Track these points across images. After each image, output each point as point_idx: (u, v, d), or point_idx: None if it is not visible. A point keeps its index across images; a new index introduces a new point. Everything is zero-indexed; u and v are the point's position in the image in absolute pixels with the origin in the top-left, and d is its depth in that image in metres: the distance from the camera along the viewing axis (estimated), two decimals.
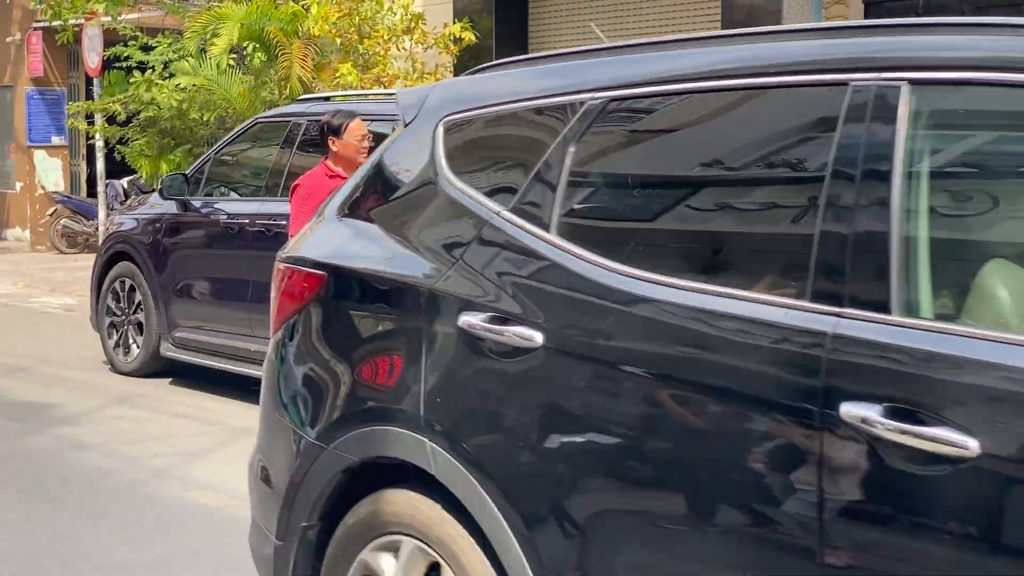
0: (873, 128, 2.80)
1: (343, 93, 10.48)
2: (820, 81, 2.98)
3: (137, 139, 15.93)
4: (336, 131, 7.57)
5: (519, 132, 3.68)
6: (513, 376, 3.27)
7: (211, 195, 9.95)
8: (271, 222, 9.14)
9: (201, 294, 9.80)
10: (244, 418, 8.86)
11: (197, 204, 9.86)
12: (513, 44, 15.34)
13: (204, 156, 10.34)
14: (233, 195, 10.01)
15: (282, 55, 13.90)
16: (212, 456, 7.81)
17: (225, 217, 9.56)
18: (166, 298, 9.93)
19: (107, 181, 18.36)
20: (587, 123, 3.38)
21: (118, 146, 16.37)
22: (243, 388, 9.64)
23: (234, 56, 14.79)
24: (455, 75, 14.88)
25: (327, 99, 9.78)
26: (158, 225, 10.10)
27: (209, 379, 9.89)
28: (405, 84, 13.44)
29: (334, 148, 7.56)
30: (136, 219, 10.44)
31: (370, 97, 9.98)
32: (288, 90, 13.63)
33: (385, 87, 13.12)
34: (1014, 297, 2.74)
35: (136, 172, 17.00)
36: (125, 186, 20.22)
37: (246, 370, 9.32)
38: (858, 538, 2.65)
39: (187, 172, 10.24)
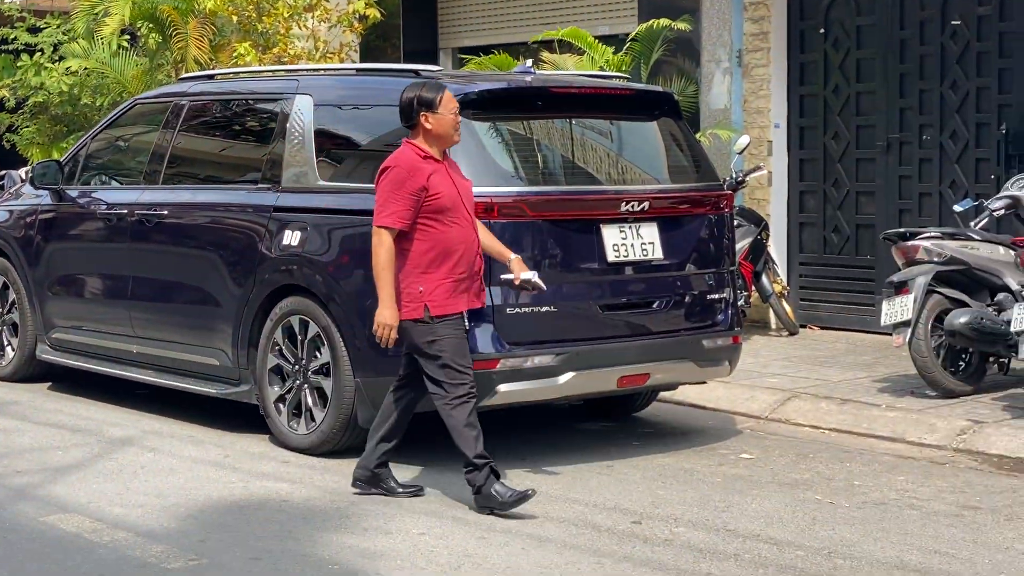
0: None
1: (228, 71, 9.71)
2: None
3: (28, 127, 15.08)
4: (430, 104, 6.33)
5: None
6: None
7: (88, 183, 9.16)
8: (151, 211, 8.39)
9: (79, 292, 9.04)
10: (125, 427, 8.14)
11: (73, 193, 9.08)
12: (421, 22, 14.63)
13: (79, 142, 9.55)
14: (112, 183, 9.23)
15: (177, 35, 13.11)
16: (83, 472, 7.07)
17: (103, 207, 8.80)
18: (41, 296, 9.15)
19: (3, 172, 17.42)
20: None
21: (8, 134, 15.51)
22: (126, 393, 8.92)
23: (127, 37, 14.05)
24: (361, 56, 14.13)
25: (211, 77, 9.04)
26: (31, 218, 9.32)
27: (92, 384, 9.13)
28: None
29: (427, 125, 6.32)
30: (9, 211, 9.64)
31: (261, 75, 9.26)
32: (185, 72, 12.83)
33: None
34: None
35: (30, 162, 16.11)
36: (23, 176, 19.24)
37: (128, 374, 8.59)
38: None
39: (60, 159, 9.45)
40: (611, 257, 7.21)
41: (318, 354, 7.37)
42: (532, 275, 6.53)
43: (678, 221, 7.57)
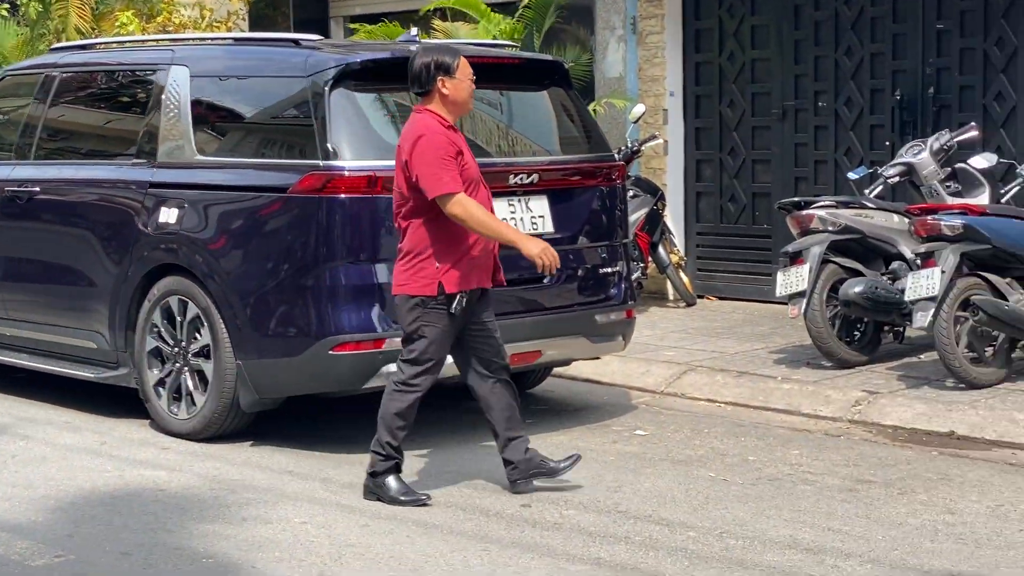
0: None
1: (102, 41, 9.35)
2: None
3: None
4: (448, 69, 5.87)
5: None
6: None
7: None
8: (23, 188, 8.03)
9: None
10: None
11: None
12: None
13: None
14: None
15: (58, 3, 12.70)
16: None
17: None
18: None
19: None
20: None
21: None
22: (0, 378, 8.57)
23: (7, 6, 13.60)
24: (250, 25, 13.75)
25: (84, 47, 8.67)
26: None
27: None
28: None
29: (445, 90, 5.87)
30: None
31: (137, 45, 8.91)
32: (66, 41, 12.39)
33: None
34: None
35: None
36: None
37: (1, 357, 8.25)
38: None
39: None
40: None
41: (198, 336, 7.10)
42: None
43: (569, 193, 7.40)
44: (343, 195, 6.68)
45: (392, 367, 6.61)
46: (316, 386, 6.89)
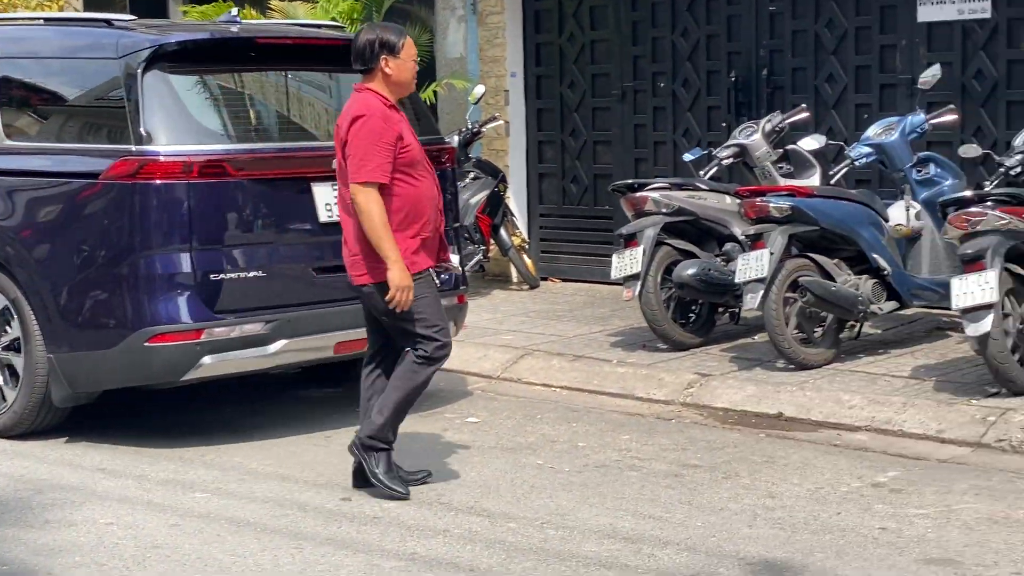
0: None
1: None
2: None
3: None
4: (393, 48, 5.68)
5: None
6: None
7: None
8: None
9: None
10: None
11: None
12: None
13: None
14: None
15: None
16: None
17: None
18: None
19: None
20: None
21: None
22: None
23: None
24: (84, 4, 13.32)
25: None
26: None
27: None
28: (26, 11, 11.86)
29: (388, 70, 5.69)
30: None
31: None
32: None
33: None
34: None
35: None
36: None
37: None
38: None
39: None
40: (324, 217, 6.84)
41: (8, 329, 6.81)
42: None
43: None
44: (158, 181, 6.45)
45: (211, 358, 6.42)
46: (133, 379, 6.66)
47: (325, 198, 6.83)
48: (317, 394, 7.97)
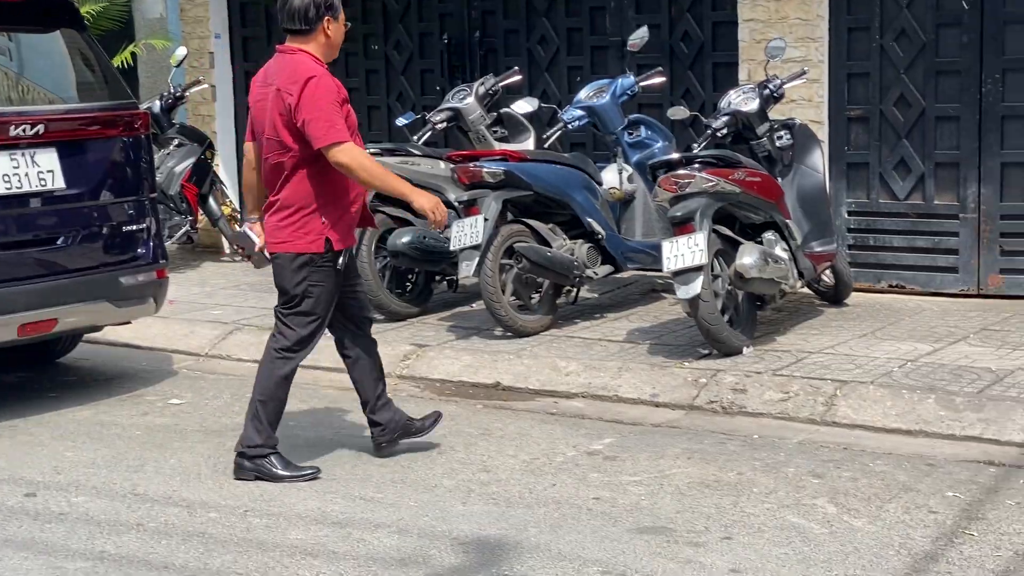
0: None
1: None
2: None
3: None
4: (335, 11, 5.38)
5: None
6: None
7: None
8: None
9: None
10: None
11: None
12: None
13: None
14: None
15: None
16: None
17: None
18: None
19: None
20: None
21: None
22: None
23: None
24: None
25: None
26: None
27: None
28: None
29: (329, 32, 5.36)
30: None
31: None
32: None
33: None
34: None
35: None
36: None
37: None
38: None
39: None
40: (1, 189, 6.30)
41: None
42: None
43: (82, 145, 6.75)
44: None
45: None
46: None
47: (3, 168, 6.30)
48: (8, 378, 7.41)
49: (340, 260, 5.48)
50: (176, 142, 10.02)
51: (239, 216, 10.65)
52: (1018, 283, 8.03)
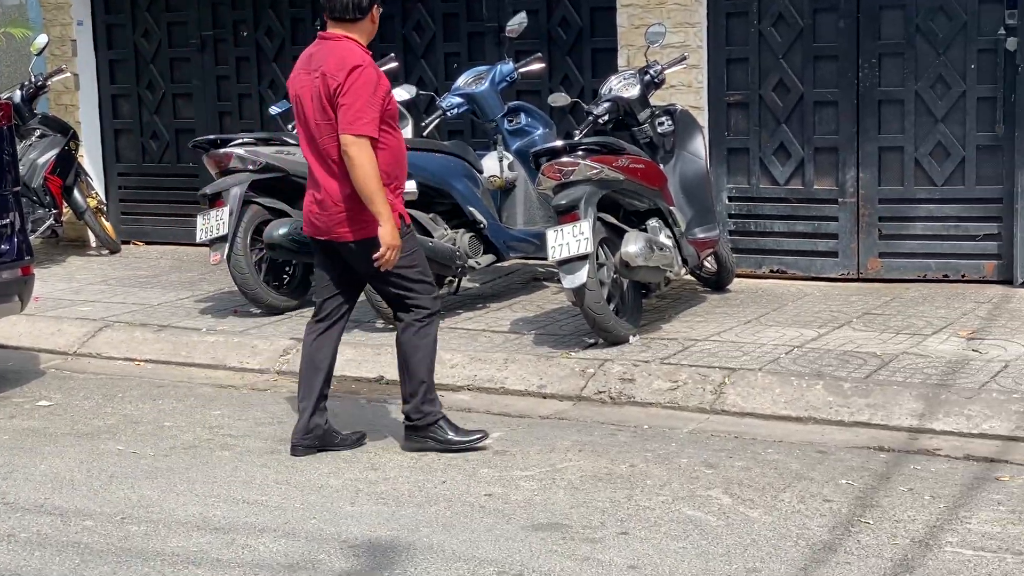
0: None
1: None
2: None
3: None
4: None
5: None
6: None
7: None
8: None
9: None
10: None
11: None
12: None
13: None
14: None
15: None
16: None
17: None
18: None
19: None
20: None
21: None
22: None
23: None
24: None
25: None
26: None
27: None
28: None
29: (375, 19, 5.50)
30: None
31: None
32: None
33: None
34: None
35: None
36: None
37: None
38: None
39: None
40: None
41: None
42: None
43: None
44: None
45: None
46: None
47: None
48: None
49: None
50: (38, 133, 9.66)
51: (105, 208, 10.32)
52: (896, 267, 8.10)
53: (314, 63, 5.40)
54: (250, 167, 7.92)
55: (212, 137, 8.21)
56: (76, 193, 9.84)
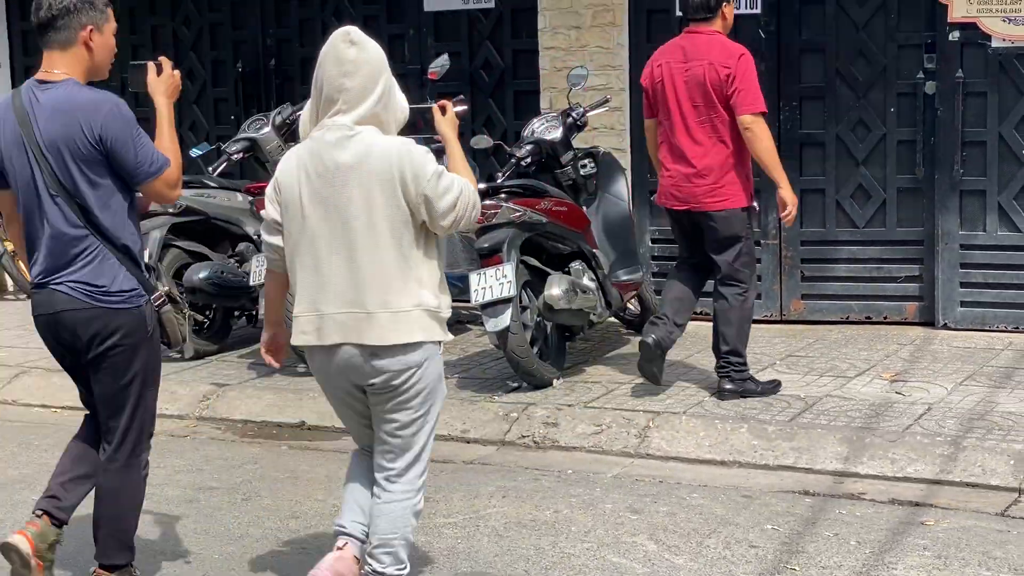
0: None
1: None
2: None
3: None
4: None
5: None
6: None
7: None
8: None
9: None
10: None
11: None
12: None
13: None
14: None
15: None
16: None
17: None
18: None
19: None
20: None
21: None
22: None
23: None
24: None
25: None
26: None
27: None
28: None
29: (726, 14, 6.41)
30: None
31: None
32: None
33: None
34: None
35: None
36: None
37: None
38: None
39: None
40: None
41: None
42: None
43: None
44: None
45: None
46: None
47: None
48: None
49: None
50: None
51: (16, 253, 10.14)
52: (819, 308, 8.15)
53: (688, 54, 6.26)
54: (170, 210, 7.81)
55: None
56: None
